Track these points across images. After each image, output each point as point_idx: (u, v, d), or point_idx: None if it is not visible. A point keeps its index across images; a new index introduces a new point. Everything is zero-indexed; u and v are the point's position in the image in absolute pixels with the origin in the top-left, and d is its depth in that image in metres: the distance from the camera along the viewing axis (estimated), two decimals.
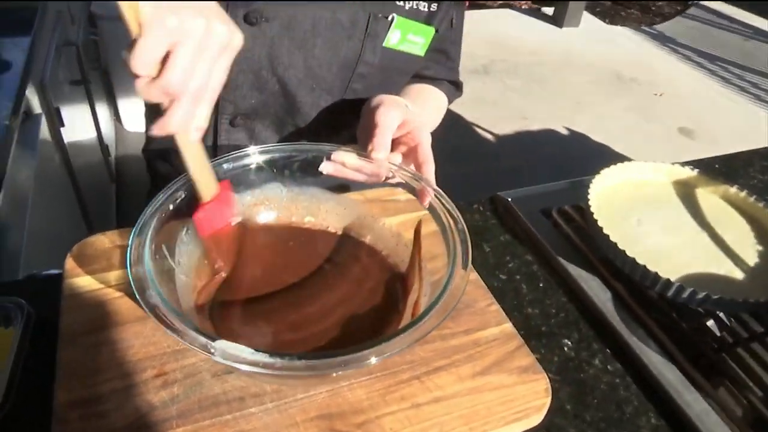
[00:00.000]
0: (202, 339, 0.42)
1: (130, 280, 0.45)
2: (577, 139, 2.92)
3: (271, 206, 0.64)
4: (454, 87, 0.95)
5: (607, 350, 0.67)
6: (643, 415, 0.60)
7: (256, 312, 0.56)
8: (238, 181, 0.61)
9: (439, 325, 0.48)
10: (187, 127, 0.47)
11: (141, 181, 0.99)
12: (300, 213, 0.65)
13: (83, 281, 0.60)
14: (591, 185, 0.80)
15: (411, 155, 0.63)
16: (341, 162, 0.62)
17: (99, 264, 0.62)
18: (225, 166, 0.59)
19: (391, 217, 0.66)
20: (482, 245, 0.81)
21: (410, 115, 0.64)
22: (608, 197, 0.81)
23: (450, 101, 0.95)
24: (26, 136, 1.14)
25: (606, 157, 2.71)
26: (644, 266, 0.67)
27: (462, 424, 0.51)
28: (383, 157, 0.60)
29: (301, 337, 0.54)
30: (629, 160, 0.87)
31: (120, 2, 0.40)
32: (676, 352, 0.65)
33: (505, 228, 0.84)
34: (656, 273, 0.67)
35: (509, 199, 0.87)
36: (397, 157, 0.64)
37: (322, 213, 0.65)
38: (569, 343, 0.68)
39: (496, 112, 3.05)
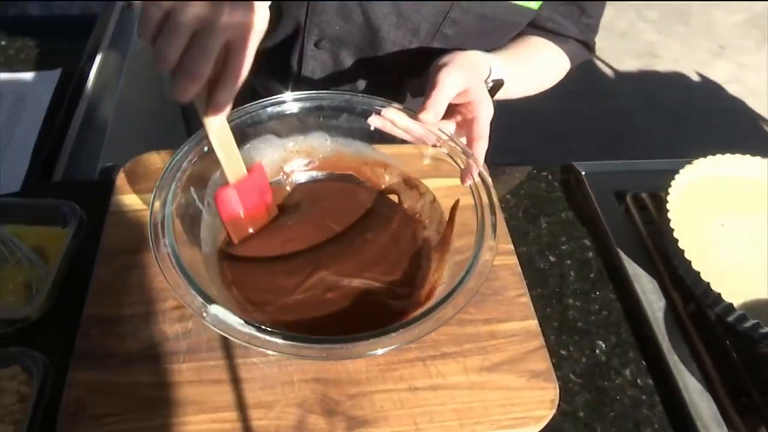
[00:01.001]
0: (199, 300, 0.42)
1: (149, 225, 0.47)
2: (709, 88, 2.60)
3: (313, 155, 0.63)
4: (584, 48, 0.81)
5: (642, 363, 0.62)
6: None
7: (278, 266, 0.56)
8: (282, 125, 0.59)
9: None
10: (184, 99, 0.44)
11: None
12: (342, 166, 0.63)
13: (130, 200, 0.63)
14: (677, 174, 0.71)
15: (465, 127, 0.58)
16: (390, 120, 0.59)
17: (147, 183, 0.64)
18: (270, 110, 0.57)
19: (441, 179, 0.63)
20: (540, 219, 0.76)
21: (475, 83, 0.58)
22: (695, 191, 0.72)
23: (574, 64, 0.81)
24: (123, 20, 1.17)
25: (738, 114, 2.41)
26: (708, 284, 0.60)
27: (454, 418, 0.50)
28: (430, 120, 0.56)
29: (315, 297, 0.54)
30: (766, 123, 0.75)
31: None
32: (718, 383, 0.59)
33: (570, 204, 0.78)
34: (719, 295, 0.60)
35: (583, 173, 0.79)
36: (450, 126, 0.59)
37: (366, 169, 0.63)
38: (603, 345, 0.64)
39: (623, 45, 2.76)
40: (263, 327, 0.41)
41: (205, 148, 0.53)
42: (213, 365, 0.51)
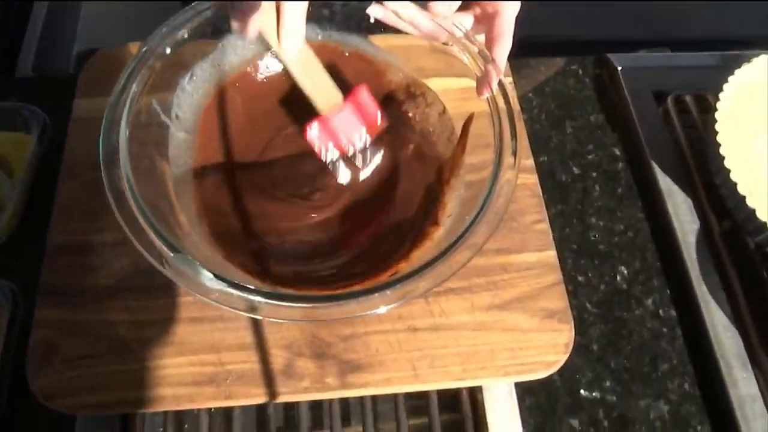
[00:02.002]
0: (158, 244, 0.36)
1: (99, 151, 0.39)
2: None
3: None
4: None
5: (667, 291, 0.57)
6: (677, 378, 0.53)
7: (262, 183, 0.49)
8: None
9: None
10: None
11: None
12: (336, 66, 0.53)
13: (95, 103, 0.55)
14: (732, 76, 0.60)
15: (484, 23, 0.47)
16: (393, 10, 0.48)
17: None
18: None
19: (453, 78, 0.53)
20: (565, 123, 0.66)
21: None
22: (751, 96, 0.62)
23: None
24: None
25: None
26: (753, 211, 0.53)
27: (457, 363, 0.46)
28: (443, 12, 0.45)
29: (303, 225, 0.48)
30: None
31: None
32: (748, 319, 0.54)
33: (601, 104, 0.68)
34: (764, 224, 0.52)
35: (619, 68, 0.68)
36: (467, 19, 0.48)
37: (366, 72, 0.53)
38: (625, 271, 0.58)
39: None
40: (237, 283, 0.35)
41: (167, 50, 0.44)
42: (192, 301, 0.47)
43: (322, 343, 0.45)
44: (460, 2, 0.46)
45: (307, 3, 0.39)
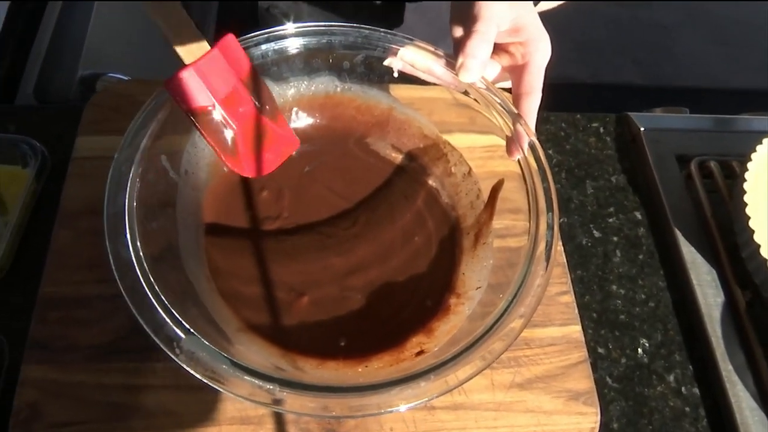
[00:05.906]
0: (170, 330, 0.33)
1: (104, 217, 0.36)
2: None
3: (317, 106, 0.50)
4: None
5: (690, 367, 0.54)
6: None
7: (278, 245, 0.46)
8: (280, 67, 0.46)
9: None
10: None
11: None
12: (355, 123, 0.51)
13: (98, 142, 0.52)
14: (760, 145, 0.59)
15: (514, 75, 0.44)
16: (410, 63, 0.46)
17: (121, 122, 0.52)
18: (265, 47, 0.44)
19: (477, 135, 0.51)
20: (586, 183, 0.64)
21: (527, 13, 0.42)
22: None
23: None
24: None
25: None
26: None
27: None
28: (474, 77, 0.42)
29: (315, 298, 0.44)
30: None
31: None
32: None
33: (622, 166, 0.66)
34: None
35: (642, 129, 0.67)
36: (494, 68, 0.45)
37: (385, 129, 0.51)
38: (647, 344, 0.55)
39: None
40: (257, 371, 0.32)
41: None
42: None
43: (332, 419, 0.42)
44: (489, 56, 0.43)
45: None
